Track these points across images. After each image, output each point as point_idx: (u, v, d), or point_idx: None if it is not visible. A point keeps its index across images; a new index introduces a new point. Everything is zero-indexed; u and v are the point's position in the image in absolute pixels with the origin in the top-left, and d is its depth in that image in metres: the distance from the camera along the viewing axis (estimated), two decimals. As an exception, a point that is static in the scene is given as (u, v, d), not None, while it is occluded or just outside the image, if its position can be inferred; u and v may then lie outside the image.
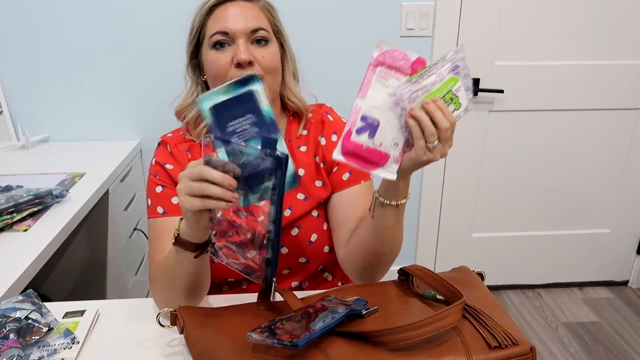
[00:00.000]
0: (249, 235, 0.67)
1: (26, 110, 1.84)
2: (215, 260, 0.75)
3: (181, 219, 0.75)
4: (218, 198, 0.65)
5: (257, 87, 0.64)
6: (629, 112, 2.02)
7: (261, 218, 0.66)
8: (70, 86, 1.82)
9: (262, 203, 0.66)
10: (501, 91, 1.92)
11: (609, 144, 2.06)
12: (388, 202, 0.78)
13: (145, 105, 1.86)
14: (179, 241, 0.74)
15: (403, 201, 0.79)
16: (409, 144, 0.71)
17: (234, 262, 0.72)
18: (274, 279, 0.71)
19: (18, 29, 1.74)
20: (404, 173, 0.74)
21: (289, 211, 0.95)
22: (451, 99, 0.71)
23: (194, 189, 0.65)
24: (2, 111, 1.80)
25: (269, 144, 0.65)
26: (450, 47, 1.87)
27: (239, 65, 0.86)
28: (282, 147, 0.69)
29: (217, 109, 0.64)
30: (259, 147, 0.64)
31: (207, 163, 0.64)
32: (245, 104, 0.65)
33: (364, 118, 0.69)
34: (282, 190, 0.63)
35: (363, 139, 0.70)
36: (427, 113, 0.68)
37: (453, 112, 0.72)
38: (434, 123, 0.68)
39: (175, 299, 0.81)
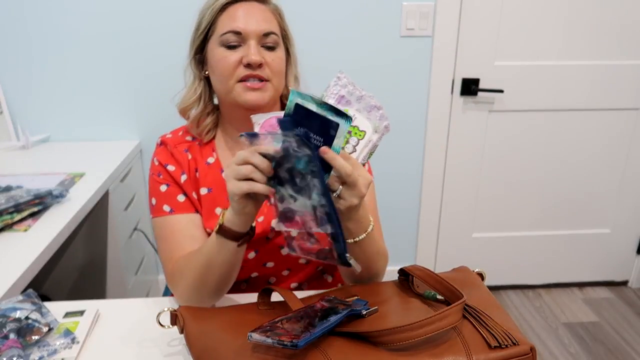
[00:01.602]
0: (310, 218, 0.68)
1: (26, 110, 1.84)
2: (292, 253, 0.75)
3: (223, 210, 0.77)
4: (261, 182, 0.68)
5: (345, 126, 0.65)
6: (629, 112, 2.02)
7: (314, 196, 0.67)
8: (70, 86, 1.82)
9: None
10: (501, 91, 1.92)
11: (609, 144, 2.06)
12: (350, 240, 0.76)
13: (145, 105, 1.86)
14: (222, 230, 0.75)
15: (361, 237, 0.76)
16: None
17: (307, 252, 0.73)
18: (347, 254, 0.71)
19: (18, 29, 1.74)
20: (344, 218, 0.72)
21: None
22: (349, 132, 0.70)
23: (240, 172, 0.68)
24: (2, 111, 1.80)
25: (285, 125, 0.66)
26: (450, 47, 1.87)
27: (249, 65, 0.87)
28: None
29: (300, 110, 0.66)
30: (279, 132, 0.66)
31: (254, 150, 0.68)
32: (325, 127, 0.66)
33: None
34: (317, 162, 0.65)
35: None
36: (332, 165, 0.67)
37: (357, 143, 0.70)
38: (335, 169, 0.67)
39: (204, 291, 0.81)
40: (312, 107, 0.66)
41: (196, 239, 0.90)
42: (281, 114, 0.69)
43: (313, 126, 0.66)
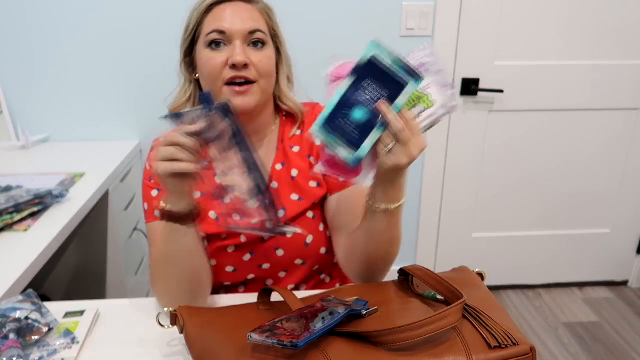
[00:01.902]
0: (242, 192, 0.71)
1: (26, 110, 1.84)
2: (232, 230, 0.76)
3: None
4: (186, 161, 0.70)
5: (412, 87, 0.67)
6: (629, 112, 2.02)
7: (242, 171, 0.70)
8: (70, 86, 1.82)
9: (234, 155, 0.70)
10: (501, 91, 1.92)
11: (609, 144, 2.06)
12: (377, 206, 0.76)
13: (145, 105, 1.86)
14: (164, 214, 0.75)
15: (394, 206, 0.76)
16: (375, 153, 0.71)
17: (237, 226, 0.75)
18: (281, 224, 0.73)
19: (18, 29, 1.74)
20: (383, 179, 0.73)
21: (283, 212, 0.94)
22: (418, 97, 0.70)
23: (164, 154, 0.70)
24: (2, 111, 1.80)
25: (206, 99, 0.68)
26: (450, 47, 1.87)
27: (234, 67, 0.86)
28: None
29: (373, 63, 0.67)
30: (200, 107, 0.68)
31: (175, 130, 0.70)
32: (393, 84, 0.67)
33: None
34: (241, 135, 0.67)
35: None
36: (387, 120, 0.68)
37: (423, 112, 0.70)
38: (389, 126, 0.68)
39: (177, 292, 0.81)
40: (387, 62, 0.66)
41: None
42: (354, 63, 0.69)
43: (382, 80, 0.67)
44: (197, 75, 0.94)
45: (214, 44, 0.87)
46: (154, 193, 0.93)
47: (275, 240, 0.95)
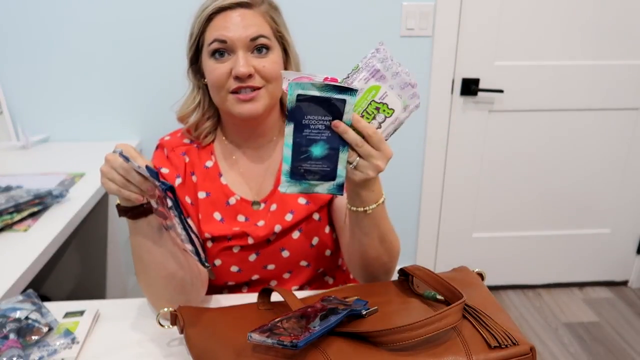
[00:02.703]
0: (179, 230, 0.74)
1: (26, 110, 1.84)
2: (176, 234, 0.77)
3: None
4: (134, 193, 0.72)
5: (352, 100, 0.67)
6: (629, 112, 2.02)
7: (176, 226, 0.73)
8: (70, 86, 1.82)
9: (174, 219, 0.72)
10: (501, 91, 1.92)
11: (609, 144, 2.06)
12: (357, 209, 0.77)
13: (145, 106, 1.86)
14: (119, 210, 0.76)
15: (373, 206, 0.76)
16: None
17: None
18: (206, 264, 0.76)
19: (18, 29, 1.74)
20: (356, 189, 0.74)
21: (291, 215, 0.94)
22: (377, 109, 0.70)
23: (114, 178, 0.71)
24: (2, 111, 1.80)
25: (154, 175, 0.70)
26: (450, 47, 1.87)
27: (238, 78, 0.85)
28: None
29: (301, 99, 0.66)
30: (149, 175, 0.70)
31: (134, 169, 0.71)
32: (333, 107, 0.67)
33: None
34: (180, 214, 0.70)
35: None
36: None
37: (384, 121, 0.71)
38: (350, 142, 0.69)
39: (157, 288, 0.81)
40: (314, 92, 0.66)
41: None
42: (315, 77, 0.69)
43: (321, 109, 0.67)
44: (205, 81, 0.94)
45: (217, 54, 0.87)
46: None
47: (281, 241, 0.95)
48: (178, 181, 0.94)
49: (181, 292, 0.82)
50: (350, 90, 0.67)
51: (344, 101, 0.67)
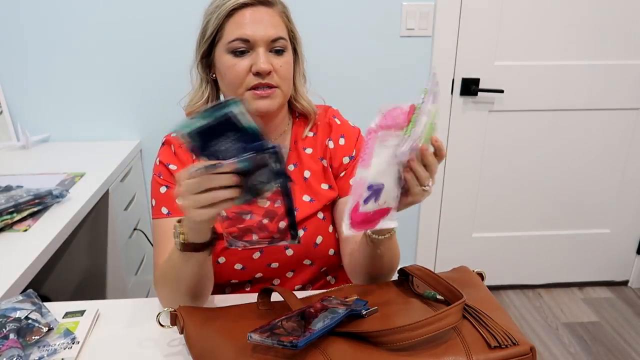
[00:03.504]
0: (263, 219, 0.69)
1: (26, 110, 1.84)
2: (234, 246, 0.73)
3: (178, 220, 0.75)
4: (227, 199, 0.64)
5: (235, 110, 0.62)
6: (629, 112, 2.02)
7: (277, 203, 0.67)
8: (70, 86, 1.82)
9: (268, 194, 0.66)
10: (501, 91, 1.92)
11: (609, 144, 2.06)
12: (381, 237, 0.78)
13: (145, 105, 1.86)
14: (186, 246, 0.74)
15: (393, 230, 0.78)
16: (405, 192, 0.71)
17: (248, 242, 0.72)
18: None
19: (18, 28, 1.74)
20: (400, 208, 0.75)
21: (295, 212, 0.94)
22: (431, 124, 0.70)
23: (201, 201, 0.64)
24: (2, 111, 1.80)
25: (255, 136, 0.64)
26: (450, 47, 1.87)
27: (258, 74, 0.87)
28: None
29: (195, 134, 0.63)
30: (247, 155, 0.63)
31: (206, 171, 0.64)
32: (222, 126, 0.63)
33: (370, 187, 0.68)
34: (287, 180, 0.65)
35: (370, 206, 0.70)
36: (423, 161, 0.68)
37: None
38: (426, 166, 0.69)
39: (179, 300, 0.81)
40: (202, 122, 0.62)
41: None
42: (407, 106, 0.67)
43: (216, 133, 0.63)
44: (214, 75, 0.94)
45: (238, 52, 0.87)
46: (163, 190, 0.93)
47: None
48: None
49: (199, 298, 0.83)
50: (227, 102, 0.62)
51: (228, 117, 0.62)
